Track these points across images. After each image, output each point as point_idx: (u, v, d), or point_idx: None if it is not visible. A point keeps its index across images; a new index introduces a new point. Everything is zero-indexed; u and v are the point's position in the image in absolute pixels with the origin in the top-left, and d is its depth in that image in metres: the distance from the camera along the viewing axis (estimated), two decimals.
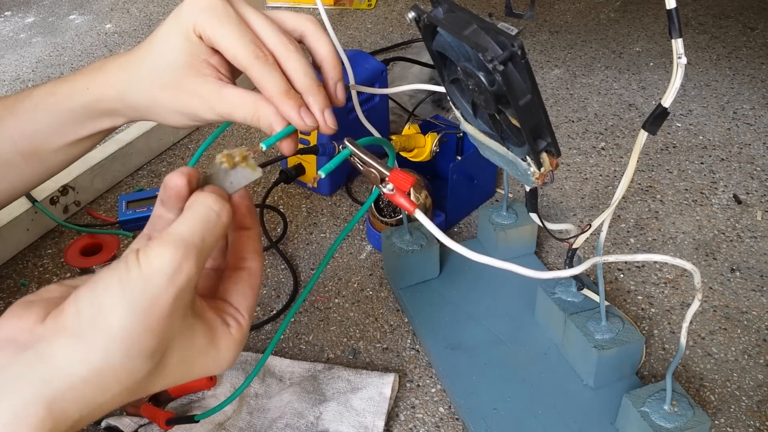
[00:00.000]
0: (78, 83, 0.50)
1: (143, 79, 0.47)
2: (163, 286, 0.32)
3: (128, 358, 0.32)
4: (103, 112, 0.50)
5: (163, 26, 0.46)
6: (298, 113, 0.45)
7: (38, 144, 0.51)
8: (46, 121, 0.50)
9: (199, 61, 0.45)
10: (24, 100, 0.51)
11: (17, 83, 1.30)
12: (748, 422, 0.64)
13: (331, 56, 0.48)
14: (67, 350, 0.32)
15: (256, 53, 0.44)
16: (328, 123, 0.47)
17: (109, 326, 0.32)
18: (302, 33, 0.48)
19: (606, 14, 1.46)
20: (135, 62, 0.48)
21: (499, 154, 0.54)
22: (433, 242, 0.76)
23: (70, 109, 0.50)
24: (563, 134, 1.07)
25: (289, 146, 0.47)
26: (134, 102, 0.48)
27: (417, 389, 0.68)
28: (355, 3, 1.56)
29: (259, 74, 0.44)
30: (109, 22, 1.54)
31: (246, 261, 0.41)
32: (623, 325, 0.64)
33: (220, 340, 0.38)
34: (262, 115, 0.45)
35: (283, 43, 0.45)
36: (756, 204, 0.91)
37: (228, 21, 0.44)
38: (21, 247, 0.88)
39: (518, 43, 0.41)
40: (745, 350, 0.71)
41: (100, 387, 0.32)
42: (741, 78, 1.20)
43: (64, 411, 0.32)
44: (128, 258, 0.33)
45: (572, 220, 0.90)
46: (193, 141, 1.09)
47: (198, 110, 0.46)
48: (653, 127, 0.47)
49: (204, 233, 0.35)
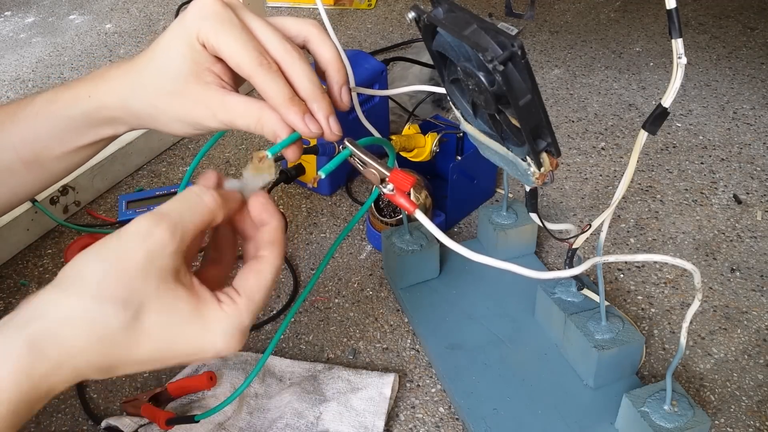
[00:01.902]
0: (80, 90, 0.49)
1: (145, 86, 0.47)
2: (134, 245, 0.37)
3: (99, 304, 0.36)
4: (105, 119, 0.50)
5: (167, 33, 0.46)
6: (303, 120, 0.45)
7: (39, 151, 0.51)
8: (47, 128, 0.50)
9: (201, 69, 0.45)
10: (25, 107, 0.51)
11: (17, 83, 1.30)
12: (748, 422, 0.64)
13: (335, 60, 0.48)
14: (47, 297, 0.36)
15: (259, 60, 0.44)
16: (333, 130, 0.47)
17: (82, 276, 0.36)
18: (305, 38, 0.48)
19: (606, 14, 1.46)
20: (137, 69, 0.47)
21: (499, 154, 0.54)
22: (433, 242, 0.76)
23: (71, 116, 0.50)
24: (563, 134, 1.07)
25: (294, 153, 0.47)
26: (136, 110, 0.48)
27: (417, 389, 0.68)
28: (355, 3, 1.56)
29: (263, 81, 0.44)
30: (109, 22, 1.54)
31: (260, 251, 0.43)
32: (623, 325, 0.64)
33: (208, 310, 0.39)
34: (266, 123, 0.45)
35: (286, 50, 0.45)
36: (756, 204, 0.91)
37: (231, 29, 0.44)
38: (21, 247, 0.88)
39: (518, 43, 0.41)
40: (745, 350, 0.71)
41: (75, 330, 0.36)
42: (741, 78, 1.20)
43: (42, 350, 0.35)
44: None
45: (572, 220, 0.90)
46: (193, 141, 1.09)
47: (200, 118, 0.46)
48: (653, 127, 0.47)
49: (183, 210, 0.39)
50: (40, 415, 0.67)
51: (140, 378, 0.70)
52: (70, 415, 0.67)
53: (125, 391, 0.69)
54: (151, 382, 0.70)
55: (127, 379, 0.70)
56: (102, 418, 0.64)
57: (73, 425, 0.66)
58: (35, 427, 0.66)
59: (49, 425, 0.66)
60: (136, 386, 0.69)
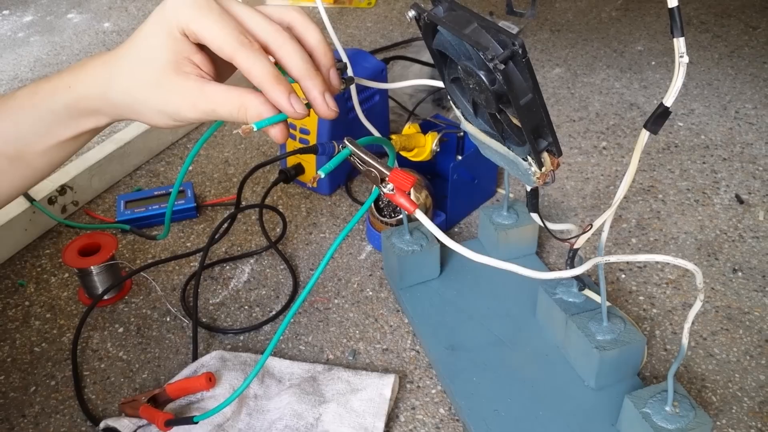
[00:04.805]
0: (60, 82, 0.49)
1: (124, 77, 0.47)
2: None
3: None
4: (86, 111, 0.49)
5: (147, 23, 0.46)
6: (288, 100, 0.44)
7: (23, 147, 0.51)
8: (28, 122, 0.50)
9: (181, 59, 0.45)
10: (7, 102, 0.50)
11: (15, 82, 1.30)
12: (749, 423, 0.64)
13: (321, 44, 0.48)
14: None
15: (240, 40, 0.44)
16: (330, 106, 0.47)
17: None
18: (289, 24, 0.48)
19: (607, 13, 1.46)
20: (118, 60, 0.47)
21: (500, 153, 0.53)
22: (433, 242, 0.75)
23: (52, 109, 0.49)
24: (564, 133, 1.06)
25: (282, 132, 0.46)
26: (116, 101, 0.48)
27: (417, 390, 0.68)
28: (355, 1, 1.55)
29: (245, 60, 0.44)
30: (108, 21, 1.54)
31: None
32: (625, 325, 0.64)
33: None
34: (249, 106, 0.44)
35: (275, 30, 0.45)
36: (758, 204, 0.91)
37: (209, 13, 0.44)
38: (19, 246, 0.88)
39: (519, 41, 0.41)
40: (747, 351, 0.71)
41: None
42: (743, 77, 1.19)
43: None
44: None
45: (573, 220, 0.90)
46: (191, 141, 1.09)
47: (180, 109, 0.46)
48: (655, 127, 0.46)
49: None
50: (38, 416, 0.66)
51: (138, 379, 0.70)
52: (68, 416, 0.66)
53: (124, 392, 0.69)
54: (149, 383, 0.69)
55: (126, 380, 0.70)
56: (100, 419, 0.64)
57: (72, 426, 0.65)
58: (33, 428, 0.65)
59: (47, 426, 0.65)
60: (134, 387, 0.69)
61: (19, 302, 0.80)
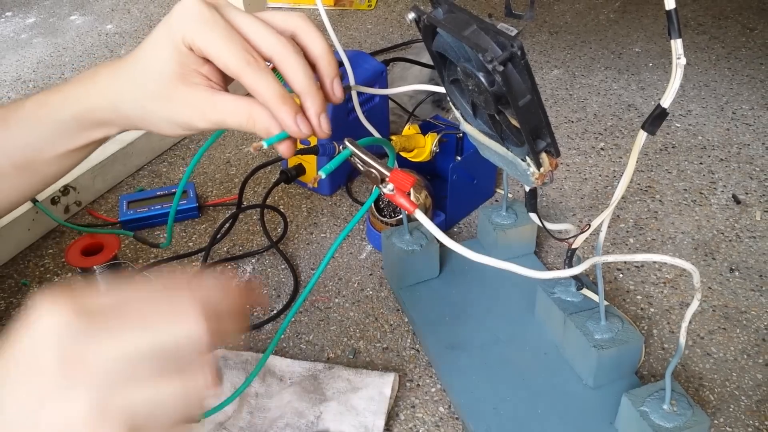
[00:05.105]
0: (69, 93, 0.49)
1: (134, 89, 0.47)
2: None
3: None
4: (96, 122, 0.49)
5: (153, 36, 0.46)
6: (294, 120, 0.44)
7: (31, 156, 0.51)
8: (38, 132, 0.50)
9: (189, 71, 0.45)
10: (16, 111, 0.50)
11: (18, 84, 1.30)
12: (747, 422, 0.64)
13: (325, 53, 0.48)
14: None
15: (246, 59, 0.43)
16: (323, 128, 0.47)
17: None
18: (293, 32, 0.48)
19: (605, 15, 1.47)
20: (126, 72, 0.47)
21: (499, 154, 0.54)
22: (433, 242, 0.76)
23: (61, 120, 0.49)
24: (563, 134, 1.07)
25: (289, 149, 0.47)
26: (126, 112, 0.48)
27: (417, 389, 0.68)
28: (356, 4, 1.56)
29: (252, 80, 0.44)
30: (110, 23, 1.54)
31: None
32: (622, 324, 0.64)
33: None
34: (258, 119, 0.45)
35: (280, 44, 0.45)
36: (755, 204, 0.91)
37: (215, 28, 0.43)
38: (22, 247, 0.88)
39: (518, 43, 0.42)
40: (744, 350, 0.71)
41: None
42: (740, 78, 1.20)
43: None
44: None
45: (572, 220, 0.90)
46: (194, 141, 1.09)
47: (191, 119, 0.46)
48: (652, 128, 0.47)
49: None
50: None
51: None
52: None
53: None
54: None
55: None
56: None
57: None
58: None
59: None
60: None
61: (22, 302, 0.81)
